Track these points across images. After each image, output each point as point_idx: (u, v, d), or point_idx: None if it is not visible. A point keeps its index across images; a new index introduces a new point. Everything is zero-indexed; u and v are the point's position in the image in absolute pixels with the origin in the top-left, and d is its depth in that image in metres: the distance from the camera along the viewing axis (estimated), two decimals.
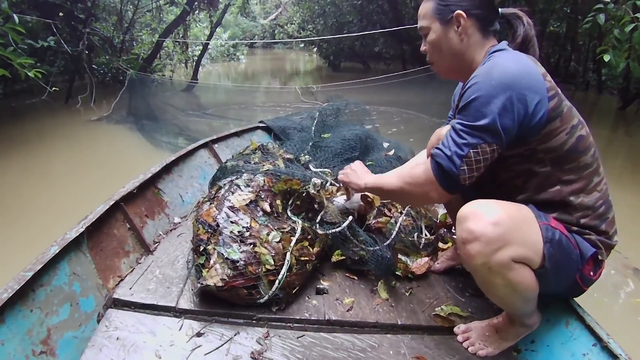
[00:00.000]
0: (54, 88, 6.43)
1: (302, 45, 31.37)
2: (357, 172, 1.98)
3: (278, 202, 1.98)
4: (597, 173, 1.59)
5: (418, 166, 1.67)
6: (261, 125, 3.69)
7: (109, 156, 6.43)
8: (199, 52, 14.63)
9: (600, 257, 1.59)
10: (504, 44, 1.66)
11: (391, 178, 1.78)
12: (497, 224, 1.40)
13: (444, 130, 1.92)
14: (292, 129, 3.38)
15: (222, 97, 12.26)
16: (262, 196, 1.95)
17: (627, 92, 10.31)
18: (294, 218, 1.97)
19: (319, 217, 2.06)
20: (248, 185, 1.97)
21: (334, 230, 2.01)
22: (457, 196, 1.90)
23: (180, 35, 14.89)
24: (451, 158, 1.50)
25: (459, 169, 1.50)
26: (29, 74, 4.68)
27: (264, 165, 2.19)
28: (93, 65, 10.67)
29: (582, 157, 1.54)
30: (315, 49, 22.76)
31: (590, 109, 10.51)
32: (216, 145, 3.20)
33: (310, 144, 2.84)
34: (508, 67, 1.47)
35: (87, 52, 10.11)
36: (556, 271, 1.51)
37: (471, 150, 1.48)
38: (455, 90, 2.02)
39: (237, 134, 3.47)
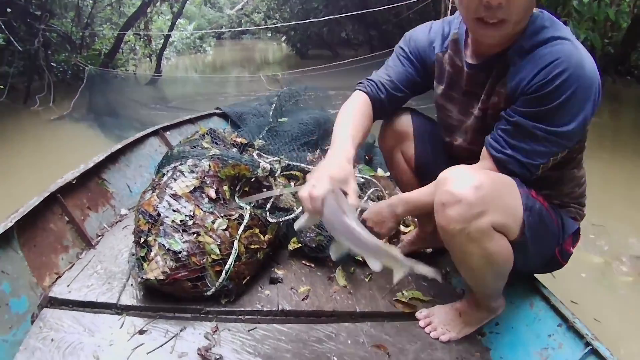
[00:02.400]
0: (2, 87, 6.15)
1: (269, 34, 31.22)
2: (381, 212, 1.72)
3: (225, 188, 1.87)
4: (583, 149, 1.55)
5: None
6: (217, 112, 3.57)
7: (69, 155, 6.13)
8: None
9: (579, 230, 1.58)
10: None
11: (428, 194, 1.53)
12: (479, 188, 1.32)
13: (400, 123, 1.86)
14: (250, 115, 3.27)
15: (187, 89, 12.02)
16: (208, 182, 1.84)
17: None
18: (243, 205, 1.86)
19: (268, 204, 1.96)
20: (192, 172, 1.86)
21: (286, 218, 1.92)
22: (416, 182, 1.86)
23: (142, 28, 14.59)
24: (529, 169, 1.39)
25: (534, 176, 1.41)
26: None
27: (211, 150, 2.07)
28: (52, 63, 10.30)
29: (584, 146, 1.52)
30: (283, 38, 22.60)
31: None
32: (168, 132, 3.05)
33: (266, 128, 2.74)
34: (591, 61, 1.31)
35: (43, 49, 9.80)
36: (535, 242, 1.45)
37: (551, 158, 1.38)
38: (418, 35, 1.71)
39: (190, 121, 3.32)
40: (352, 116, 1.63)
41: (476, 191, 1.31)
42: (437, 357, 1.59)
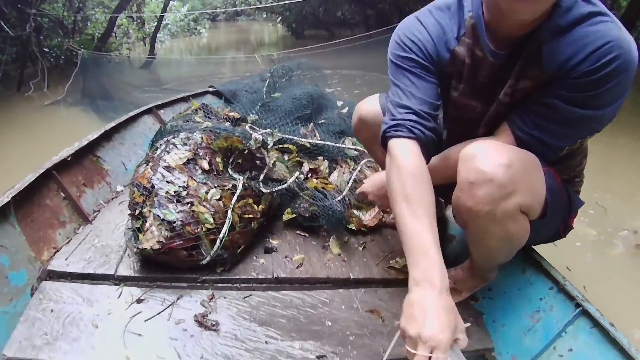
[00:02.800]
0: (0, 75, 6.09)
1: (264, 15, 30.93)
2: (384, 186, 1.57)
3: (218, 160, 1.88)
4: None
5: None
6: (211, 89, 3.56)
7: (64, 139, 6.10)
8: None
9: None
10: None
11: (444, 170, 1.45)
12: (510, 166, 1.19)
13: (367, 107, 1.81)
14: (243, 91, 3.26)
15: (182, 71, 11.92)
16: (201, 154, 1.84)
17: None
18: (236, 176, 1.88)
19: (262, 175, 1.97)
20: (185, 144, 1.86)
21: (279, 188, 1.93)
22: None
23: (135, 11, 14.45)
24: (555, 151, 1.32)
25: (556, 156, 1.34)
26: None
27: (204, 124, 2.08)
28: (44, 49, 10.21)
29: None
30: (278, 19, 22.40)
31: None
32: (161, 110, 3.05)
33: (259, 104, 2.74)
34: (632, 41, 1.16)
35: (35, 35, 9.71)
36: (550, 221, 1.39)
37: (579, 140, 1.32)
38: (421, 33, 1.42)
39: (184, 99, 3.32)
40: (417, 192, 1.26)
41: (507, 170, 1.19)
42: None
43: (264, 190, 1.90)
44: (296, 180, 1.99)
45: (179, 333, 1.44)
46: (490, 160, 1.20)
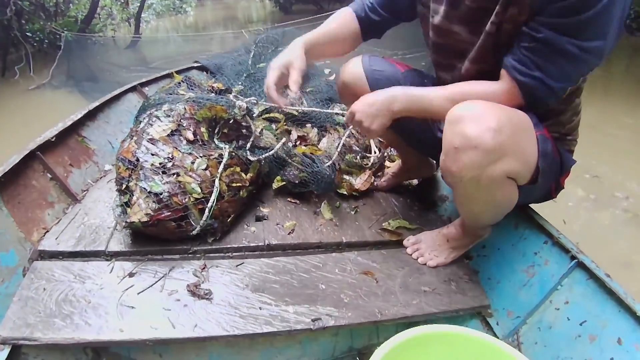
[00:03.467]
0: None
1: None
2: (375, 104, 1.48)
3: (203, 130, 1.86)
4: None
5: (485, 89, 1.32)
6: (196, 65, 3.52)
7: (51, 122, 6.07)
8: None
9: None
10: None
11: (440, 99, 1.37)
12: (499, 131, 1.16)
13: (351, 68, 1.77)
14: (228, 64, 3.22)
15: (169, 50, 11.81)
16: (184, 125, 1.82)
17: None
18: (221, 145, 1.86)
19: (249, 144, 1.95)
20: (168, 116, 1.83)
21: (266, 155, 1.91)
22: (390, 134, 1.82)
23: None
24: (556, 92, 1.24)
25: (559, 98, 1.27)
26: None
27: (187, 95, 2.05)
28: (27, 33, 10.08)
29: None
30: None
31: None
32: (146, 88, 3.00)
33: (245, 75, 2.70)
34: None
35: (17, 19, 9.56)
36: (543, 184, 1.37)
37: (580, 79, 1.26)
38: None
39: (169, 76, 3.26)
40: (325, 23, 1.71)
41: (495, 135, 1.16)
42: (425, 280, 1.62)
43: (251, 158, 1.88)
44: (284, 147, 1.97)
45: (172, 304, 1.43)
46: (478, 125, 1.17)
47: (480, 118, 1.18)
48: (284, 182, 1.97)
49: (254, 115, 2.07)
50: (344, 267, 1.64)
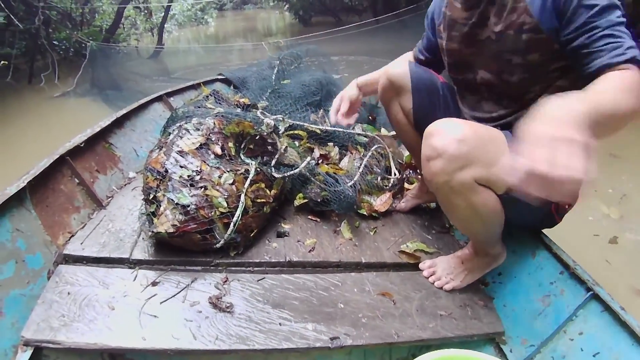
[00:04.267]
0: (2, 62, 6.13)
1: (272, 3, 30.90)
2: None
3: (230, 144, 1.89)
4: None
5: (622, 76, 1.19)
6: (220, 77, 3.57)
7: (75, 129, 6.20)
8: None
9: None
10: None
11: (609, 97, 1.14)
12: (462, 141, 1.32)
13: (394, 69, 1.84)
14: (252, 79, 3.26)
15: (190, 61, 12.02)
16: (213, 139, 1.85)
17: None
18: (248, 161, 1.89)
19: (274, 160, 1.98)
20: (197, 129, 1.87)
21: (291, 173, 1.94)
22: (416, 137, 1.84)
23: (142, 1, 14.47)
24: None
25: None
26: None
27: (215, 109, 2.09)
28: (54, 42, 10.32)
29: None
30: (285, 6, 22.34)
31: None
32: (171, 98, 3.06)
33: (269, 90, 2.74)
34: None
35: (44, 28, 9.78)
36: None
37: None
38: (432, 6, 1.82)
39: (194, 87, 3.33)
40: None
41: (458, 145, 1.32)
42: (442, 304, 1.63)
43: (276, 175, 1.91)
44: (307, 165, 2.00)
45: (193, 315, 1.46)
46: (444, 137, 1.34)
47: (446, 131, 1.35)
48: (306, 200, 1.99)
49: (280, 132, 2.10)
50: (363, 287, 1.66)
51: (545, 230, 1.74)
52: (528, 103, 1.48)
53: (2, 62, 6.14)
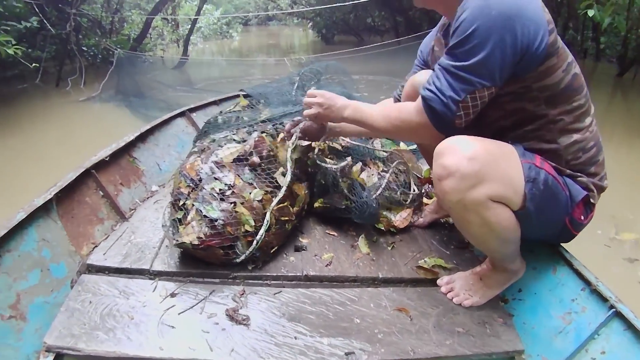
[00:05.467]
0: (34, 65, 6.32)
1: (296, 20, 31.17)
2: (334, 101, 1.82)
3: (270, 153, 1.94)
4: (589, 113, 1.52)
5: (406, 106, 1.58)
6: (241, 93, 3.63)
7: (97, 133, 6.47)
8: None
9: (592, 200, 1.54)
10: None
11: (375, 115, 1.68)
12: (473, 159, 1.34)
13: (418, 78, 1.85)
14: (272, 94, 3.30)
15: (213, 73, 12.18)
16: (254, 152, 1.91)
17: (625, 60, 10.09)
18: (288, 165, 1.91)
19: (315, 151, 2.04)
20: (240, 142, 1.93)
21: (334, 167, 1.98)
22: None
23: (170, 13, 14.75)
24: (447, 104, 1.41)
25: (455, 115, 1.42)
26: (9, 51, 4.73)
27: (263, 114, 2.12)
28: (82, 47, 10.62)
29: (577, 96, 1.48)
30: (309, 24, 22.54)
31: (588, 76, 10.35)
32: (194, 114, 3.15)
33: (290, 106, 2.77)
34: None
35: (75, 34, 10.05)
36: (541, 213, 1.45)
37: (468, 96, 1.39)
38: (424, 41, 1.99)
39: (215, 103, 3.42)
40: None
41: (470, 163, 1.34)
42: (459, 321, 1.61)
43: (321, 163, 1.99)
44: (340, 169, 2.03)
45: (210, 326, 1.48)
46: (454, 155, 1.36)
47: (456, 149, 1.37)
48: (327, 205, 2.01)
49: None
50: (379, 303, 1.66)
51: (566, 246, 1.72)
52: (495, 129, 1.57)
53: (34, 64, 6.28)
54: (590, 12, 4.53)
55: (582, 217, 1.56)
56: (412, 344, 1.49)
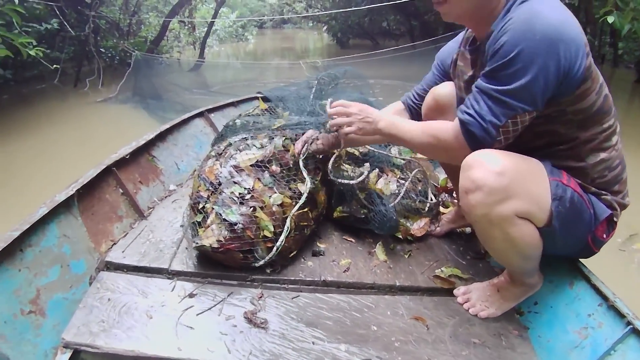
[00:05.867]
0: (55, 66, 6.40)
1: (311, 24, 31.22)
2: (368, 112, 1.69)
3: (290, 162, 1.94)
4: (616, 132, 1.51)
5: (444, 126, 1.52)
6: (259, 95, 3.65)
7: (115, 134, 6.54)
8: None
9: (615, 219, 1.53)
10: None
11: (412, 131, 1.60)
12: (502, 174, 1.33)
13: (442, 90, 1.86)
14: (290, 98, 3.31)
15: (228, 76, 12.23)
16: (274, 159, 1.91)
17: None
18: (305, 176, 1.90)
19: (330, 163, 2.00)
20: (260, 147, 1.93)
21: (352, 181, 1.95)
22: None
23: (186, 16, 14.87)
24: (487, 129, 1.37)
25: (495, 140, 1.39)
26: (31, 52, 4.79)
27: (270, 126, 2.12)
28: (100, 49, 10.74)
29: (607, 118, 1.46)
30: (324, 27, 22.57)
31: (605, 82, 10.30)
32: (212, 114, 3.17)
33: (308, 110, 2.78)
34: (552, 17, 1.28)
35: (93, 35, 10.18)
36: (565, 231, 1.44)
37: (509, 120, 1.36)
38: (443, 49, 1.94)
39: (233, 104, 3.44)
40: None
41: (498, 178, 1.32)
42: (475, 332, 1.61)
43: (335, 179, 1.96)
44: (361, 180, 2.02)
45: (228, 328, 1.48)
46: (483, 169, 1.34)
47: (485, 163, 1.35)
48: (346, 214, 2.01)
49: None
50: (396, 311, 1.66)
51: (584, 261, 1.71)
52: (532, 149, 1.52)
53: (55, 65, 6.35)
54: (610, 19, 4.49)
55: (605, 235, 1.55)
56: (428, 353, 1.49)
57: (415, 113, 2.02)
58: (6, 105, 8.31)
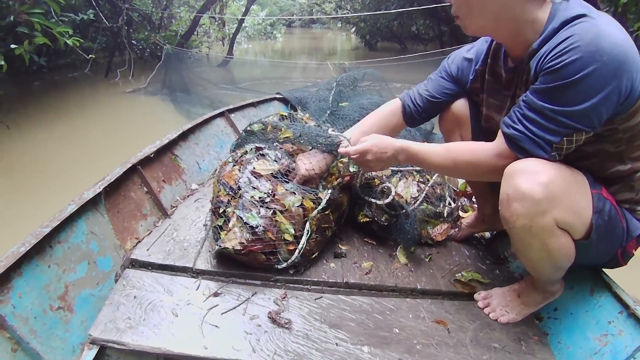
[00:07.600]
0: (90, 56, 6.49)
1: (339, 25, 31.24)
2: (384, 151, 1.65)
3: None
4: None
5: (480, 148, 1.50)
6: (278, 96, 3.68)
7: (142, 125, 6.72)
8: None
9: None
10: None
11: (438, 159, 1.58)
12: (548, 185, 1.29)
13: (461, 108, 1.86)
14: (309, 99, 3.33)
15: (256, 73, 12.31)
16: (290, 169, 1.93)
17: None
18: (323, 191, 1.89)
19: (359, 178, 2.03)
20: (276, 160, 1.93)
21: (379, 202, 1.99)
22: None
23: (217, 12, 15.00)
24: (540, 145, 1.33)
25: (550, 155, 1.33)
26: (68, 42, 4.92)
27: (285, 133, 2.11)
28: (132, 41, 10.98)
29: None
30: (352, 29, 22.53)
31: None
32: (233, 115, 3.20)
33: (328, 112, 2.79)
34: (617, 38, 1.21)
35: (126, 27, 10.38)
36: (600, 244, 1.43)
37: (564, 139, 1.30)
38: (457, 53, 1.85)
39: (253, 105, 3.48)
40: (375, 112, 2.00)
41: (544, 188, 1.29)
42: (496, 337, 1.61)
43: (370, 199, 1.99)
44: (384, 189, 2.05)
45: (253, 328, 1.51)
46: (529, 178, 1.31)
47: (531, 172, 1.31)
48: (369, 219, 2.02)
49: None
50: (418, 314, 1.67)
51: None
52: None
53: (90, 55, 6.46)
54: None
55: (633, 250, 1.54)
56: (449, 357, 1.49)
57: (410, 118, 1.94)
58: (38, 92, 8.54)
